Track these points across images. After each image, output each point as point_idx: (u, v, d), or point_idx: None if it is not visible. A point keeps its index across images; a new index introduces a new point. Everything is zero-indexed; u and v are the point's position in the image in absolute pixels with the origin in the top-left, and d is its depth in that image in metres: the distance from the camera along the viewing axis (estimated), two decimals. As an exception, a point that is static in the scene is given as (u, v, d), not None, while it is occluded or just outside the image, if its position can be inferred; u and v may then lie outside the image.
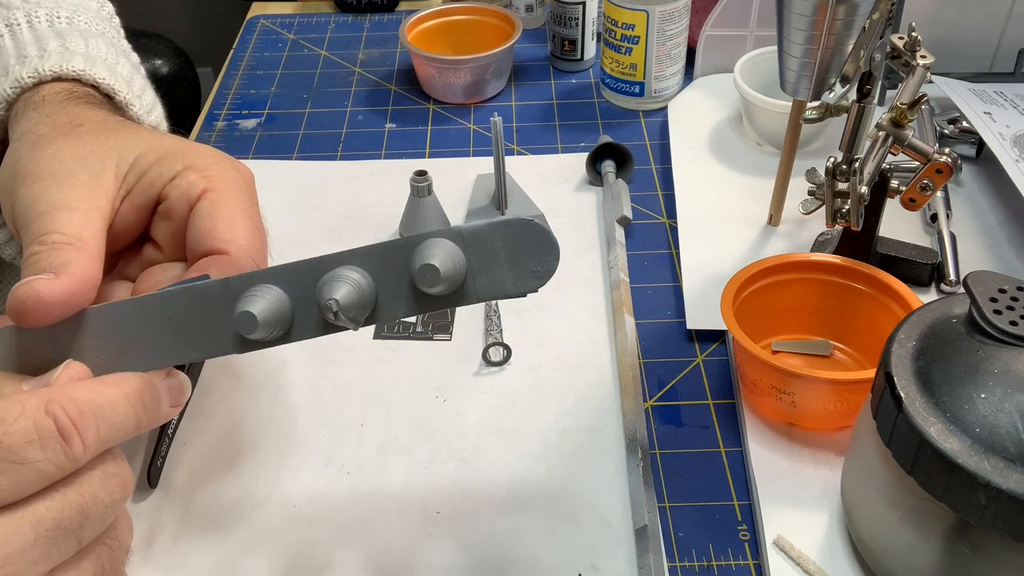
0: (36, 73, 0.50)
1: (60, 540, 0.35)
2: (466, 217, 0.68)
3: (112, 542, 0.38)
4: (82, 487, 0.36)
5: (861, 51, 0.56)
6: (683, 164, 0.72)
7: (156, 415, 0.39)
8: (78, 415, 0.35)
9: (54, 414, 0.34)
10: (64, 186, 0.43)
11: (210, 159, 0.47)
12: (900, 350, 0.41)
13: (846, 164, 0.54)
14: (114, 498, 0.37)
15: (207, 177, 0.46)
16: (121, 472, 0.38)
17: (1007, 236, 0.64)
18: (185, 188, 0.45)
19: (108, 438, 0.36)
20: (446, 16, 0.86)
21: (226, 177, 0.46)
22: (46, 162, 0.44)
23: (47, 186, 0.43)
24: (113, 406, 0.36)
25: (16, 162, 0.45)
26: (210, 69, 1.94)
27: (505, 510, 0.50)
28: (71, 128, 0.47)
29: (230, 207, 0.45)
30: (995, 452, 0.36)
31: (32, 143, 0.45)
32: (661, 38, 0.77)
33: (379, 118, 0.82)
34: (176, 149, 0.47)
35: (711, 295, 0.60)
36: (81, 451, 0.35)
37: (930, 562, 0.40)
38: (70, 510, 0.35)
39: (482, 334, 0.60)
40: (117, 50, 0.56)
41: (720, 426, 0.54)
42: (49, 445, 0.34)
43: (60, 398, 0.35)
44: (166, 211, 0.46)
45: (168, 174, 0.45)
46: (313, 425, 0.55)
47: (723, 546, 0.48)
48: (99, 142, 0.46)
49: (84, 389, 0.36)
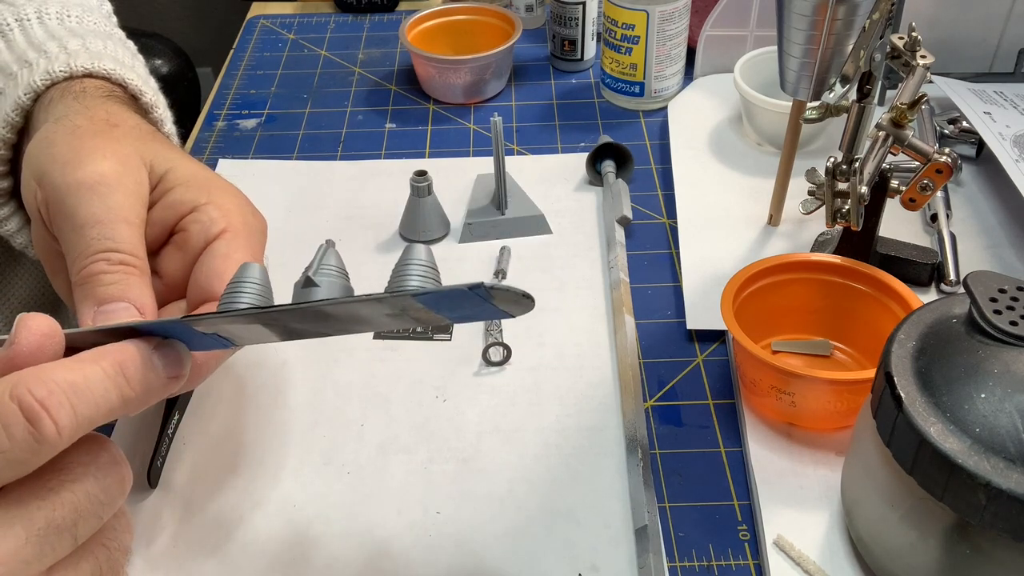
0: (68, 68, 0.50)
1: (54, 539, 0.34)
2: (466, 217, 0.68)
3: (110, 543, 0.37)
4: (75, 484, 0.35)
5: (861, 51, 0.56)
6: (683, 164, 0.72)
7: (146, 388, 0.36)
8: (47, 395, 0.33)
9: (18, 397, 0.32)
10: (116, 191, 0.43)
11: (233, 199, 0.47)
12: (900, 350, 0.41)
13: (846, 164, 0.54)
14: (110, 495, 0.36)
15: (227, 217, 0.45)
16: (117, 468, 0.36)
17: (1007, 236, 0.64)
18: (206, 223, 0.45)
19: (88, 416, 0.34)
20: (446, 16, 0.86)
21: (246, 222, 0.46)
22: (87, 156, 0.44)
23: (98, 186, 0.43)
24: (88, 382, 0.34)
25: (52, 145, 0.45)
26: (210, 69, 1.94)
27: (505, 510, 0.50)
28: (108, 127, 0.47)
29: (243, 252, 0.45)
30: (995, 452, 0.36)
31: (69, 131, 0.45)
32: (661, 38, 0.77)
33: (379, 118, 0.82)
34: (204, 177, 0.47)
35: (711, 295, 0.60)
36: (54, 433, 0.33)
37: (930, 562, 0.40)
38: (63, 508, 0.34)
39: (482, 334, 0.60)
40: (131, 53, 0.56)
41: (720, 426, 0.54)
42: (15, 432, 0.32)
43: (26, 379, 0.33)
44: (182, 241, 0.46)
45: (191, 202, 0.45)
46: (313, 425, 0.55)
47: (723, 546, 0.48)
48: (135, 147, 0.46)
49: (56, 367, 0.34)
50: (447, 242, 0.67)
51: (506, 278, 0.64)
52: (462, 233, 0.67)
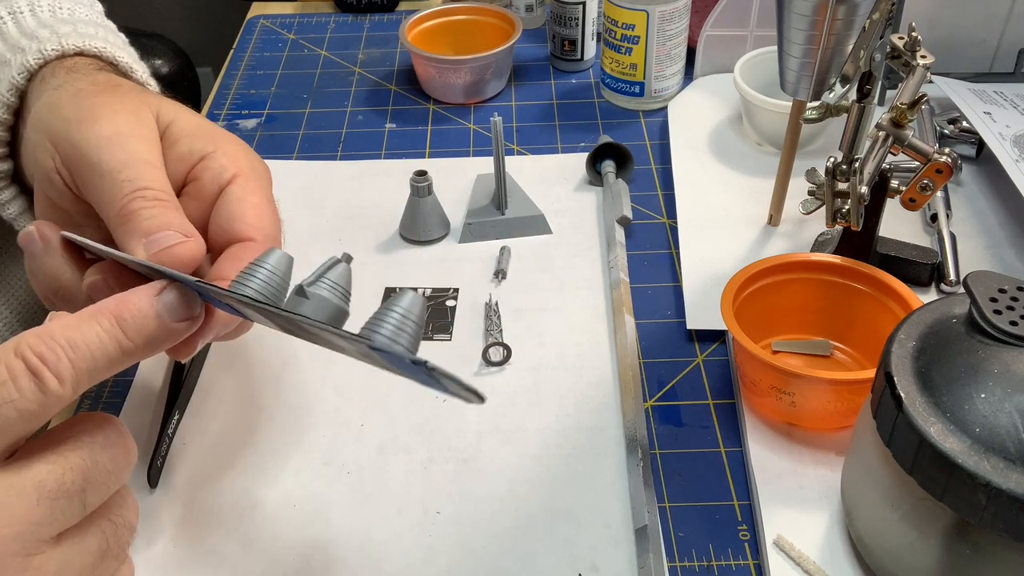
0: (60, 47, 0.51)
1: (64, 503, 0.35)
2: (466, 217, 0.68)
3: (117, 519, 0.38)
4: (83, 451, 0.36)
5: (861, 51, 0.56)
6: (683, 164, 0.72)
7: (150, 335, 0.38)
8: (46, 351, 0.35)
9: (21, 353, 0.35)
10: (134, 140, 0.45)
11: (237, 146, 0.49)
12: (900, 350, 0.41)
13: (846, 164, 0.54)
14: (117, 464, 0.37)
15: (236, 163, 0.47)
16: (123, 440, 0.38)
17: (1007, 236, 0.64)
18: (217, 171, 0.47)
19: (88, 369, 0.36)
20: (446, 16, 0.86)
21: (254, 167, 0.48)
22: (100, 112, 0.45)
23: (116, 136, 0.44)
24: (84, 336, 0.36)
25: (59, 108, 0.46)
26: (210, 69, 1.94)
27: (505, 510, 0.50)
28: (111, 87, 0.48)
29: (258, 195, 0.47)
30: (995, 452, 0.36)
31: (73, 94, 0.47)
32: (661, 38, 0.77)
33: (379, 118, 0.82)
34: (207, 128, 0.48)
35: (711, 295, 0.60)
36: (56, 385, 0.35)
37: (930, 562, 0.40)
38: (72, 472, 0.35)
39: (482, 334, 0.60)
40: (122, 40, 0.58)
41: (720, 426, 0.54)
42: (22, 383, 0.34)
43: (28, 338, 0.35)
44: (196, 191, 0.47)
45: (199, 151, 0.47)
46: (313, 425, 0.55)
47: (723, 546, 0.48)
48: (140, 100, 0.47)
49: (56, 326, 0.36)
50: (447, 242, 0.67)
51: (506, 278, 0.64)
52: (462, 233, 0.67)
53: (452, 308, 0.62)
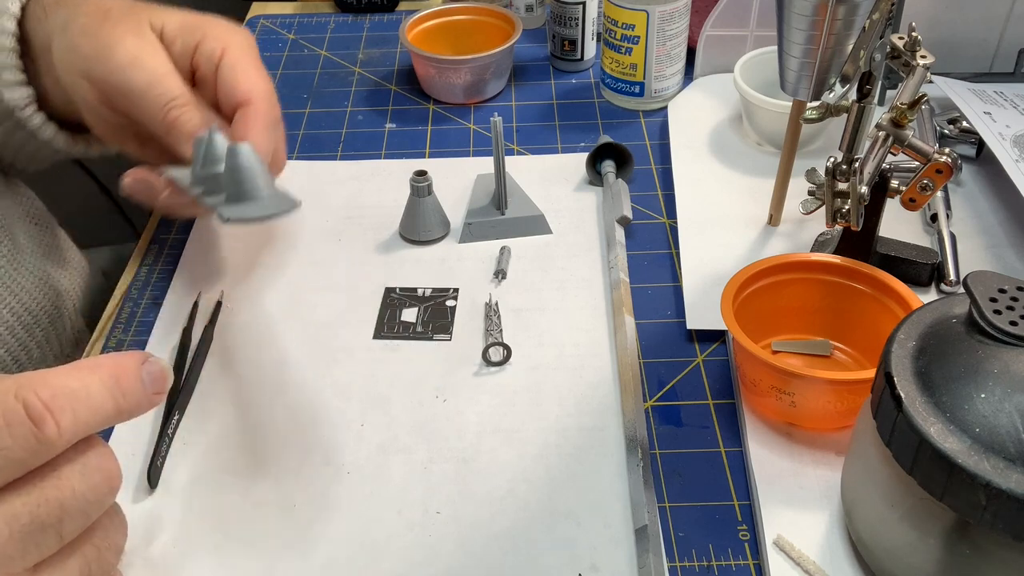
0: None
1: (38, 536, 0.34)
2: (466, 217, 0.68)
3: (100, 542, 0.37)
4: (60, 481, 0.35)
5: (861, 51, 0.56)
6: (683, 164, 0.72)
7: (136, 401, 0.38)
8: (51, 398, 0.34)
9: (24, 399, 0.33)
10: (149, 58, 0.54)
11: (220, 27, 0.58)
12: (900, 350, 0.41)
13: (846, 164, 0.54)
14: (97, 493, 0.36)
15: (222, 40, 0.56)
16: (104, 466, 0.37)
17: (1007, 236, 0.64)
18: (208, 54, 0.56)
19: (86, 423, 0.35)
20: (446, 16, 0.86)
21: (238, 39, 0.57)
22: (113, 44, 0.54)
23: (135, 60, 0.54)
24: (87, 390, 0.35)
25: (77, 49, 0.55)
26: (210, 69, 1.94)
27: (505, 510, 0.50)
28: (103, 16, 0.55)
29: (245, 61, 0.57)
30: (995, 452, 0.36)
31: (80, 33, 0.55)
32: (661, 38, 0.77)
33: (379, 118, 0.82)
34: (191, 21, 0.57)
35: (711, 295, 0.60)
36: (55, 434, 0.34)
37: (930, 562, 0.40)
38: (47, 505, 0.34)
39: (482, 334, 0.60)
40: None
41: (720, 426, 0.54)
42: (18, 431, 0.33)
43: (31, 382, 0.34)
44: (200, 80, 0.57)
45: (192, 43, 0.56)
46: (313, 425, 0.55)
47: (723, 546, 0.48)
48: (135, 19, 0.56)
49: (57, 373, 0.35)
50: (447, 242, 0.67)
51: (506, 278, 0.64)
52: (462, 233, 0.67)
53: (452, 308, 0.62)
